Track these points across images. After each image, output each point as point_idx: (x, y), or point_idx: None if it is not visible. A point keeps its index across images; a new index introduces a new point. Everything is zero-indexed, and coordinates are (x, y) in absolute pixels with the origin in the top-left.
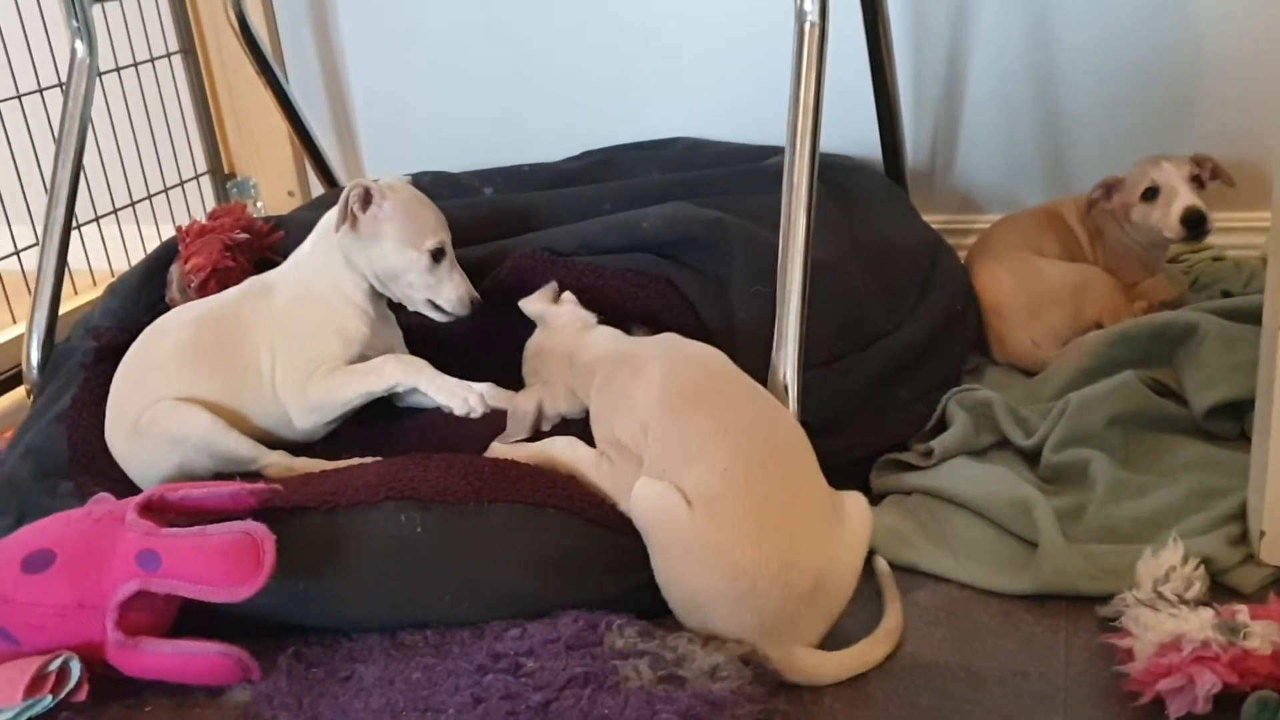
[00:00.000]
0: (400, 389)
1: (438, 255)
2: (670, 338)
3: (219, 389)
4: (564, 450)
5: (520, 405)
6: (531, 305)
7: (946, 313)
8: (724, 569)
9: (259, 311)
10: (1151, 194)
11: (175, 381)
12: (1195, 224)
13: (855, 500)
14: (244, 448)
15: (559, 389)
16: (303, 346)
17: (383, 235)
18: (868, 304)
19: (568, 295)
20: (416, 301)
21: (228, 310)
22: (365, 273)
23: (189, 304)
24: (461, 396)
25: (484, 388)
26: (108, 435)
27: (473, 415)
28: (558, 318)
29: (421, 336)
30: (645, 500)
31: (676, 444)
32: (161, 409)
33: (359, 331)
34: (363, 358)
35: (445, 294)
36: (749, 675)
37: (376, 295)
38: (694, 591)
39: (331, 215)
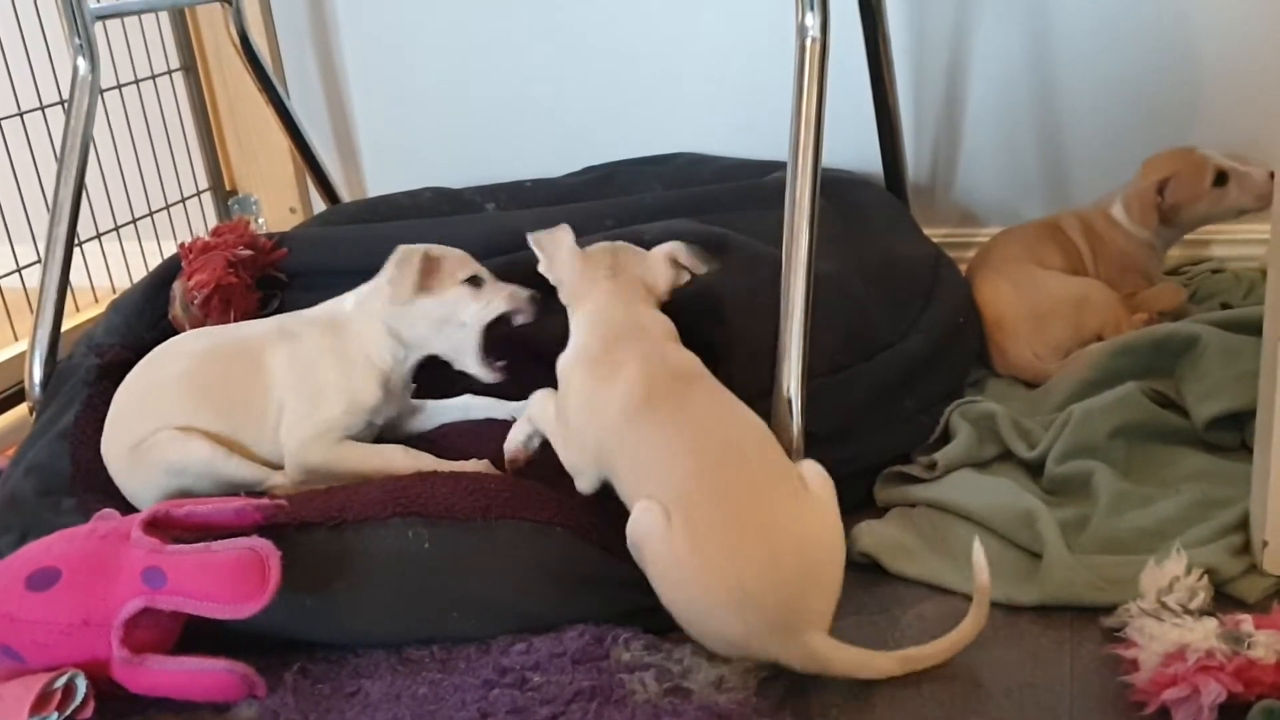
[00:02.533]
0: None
1: (474, 282)
2: (648, 342)
3: (219, 423)
4: (537, 404)
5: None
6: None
7: (949, 325)
8: (712, 579)
9: (278, 357)
10: (1222, 179)
11: (176, 409)
12: None
13: (813, 469)
14: (247, 471)
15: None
16: (314, 406)
17: (418, 293)
18: (871, 316)
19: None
20: (467, 351)
21: (243, 348)
22: (410, 338)
23: (202, 330)
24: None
25: (483, 464)
26: (104, 449)
27: None
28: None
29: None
30: (632, 522)
31: (641, 454)
32: (162, 439)
33: (371, 399)
34: (368, 424)
35: (496, 305)
36: (754, 686)
37: (405, 370)
38: (691, 604)
39: (374, 285)
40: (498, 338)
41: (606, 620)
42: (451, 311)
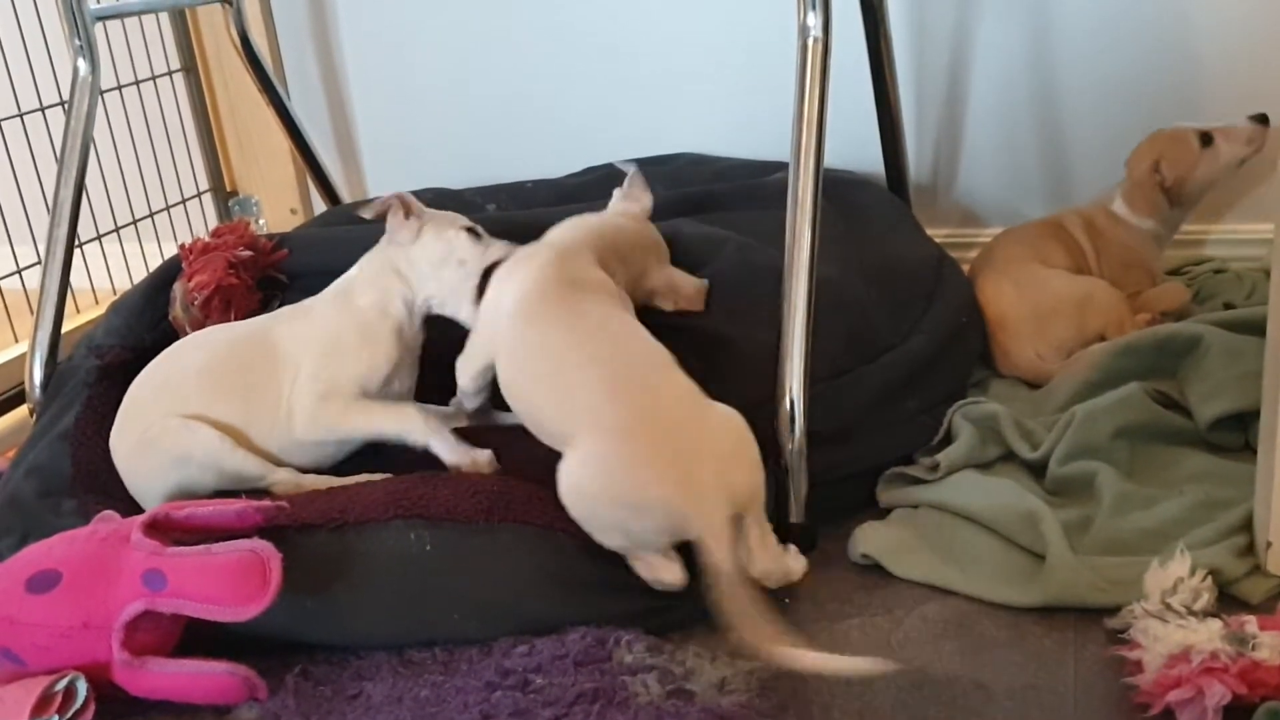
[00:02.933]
0: (410, 441)
1: (475, 233)
2: (561, 237)
3: (234, 413)
4: None
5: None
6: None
7: (951, 325)
8: (644, 465)
9: (294, 332)
10: (1208, 139)
11: (192, 400)
12: (1265, 117)
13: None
14: (251, 465)
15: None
16: (327, 362)
17: (422, 232)
18: (872, 318)
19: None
20: (463, 295)
21: (258, 334)
22: (412, 277)
23: (222, 325)
24: (470, 458)
25: (488, 454)
26: (112, 443)
27: (481, 471)
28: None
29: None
30: (561, 483)
31: (540, 365)
32: (170, 426)
33: (387, 357)
34: (386, 383)
35: (494, 252)
36: (757, 688)
37: (415, 319)
38: (632, 504)
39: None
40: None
41: (608, 623)
42: (450, 250)
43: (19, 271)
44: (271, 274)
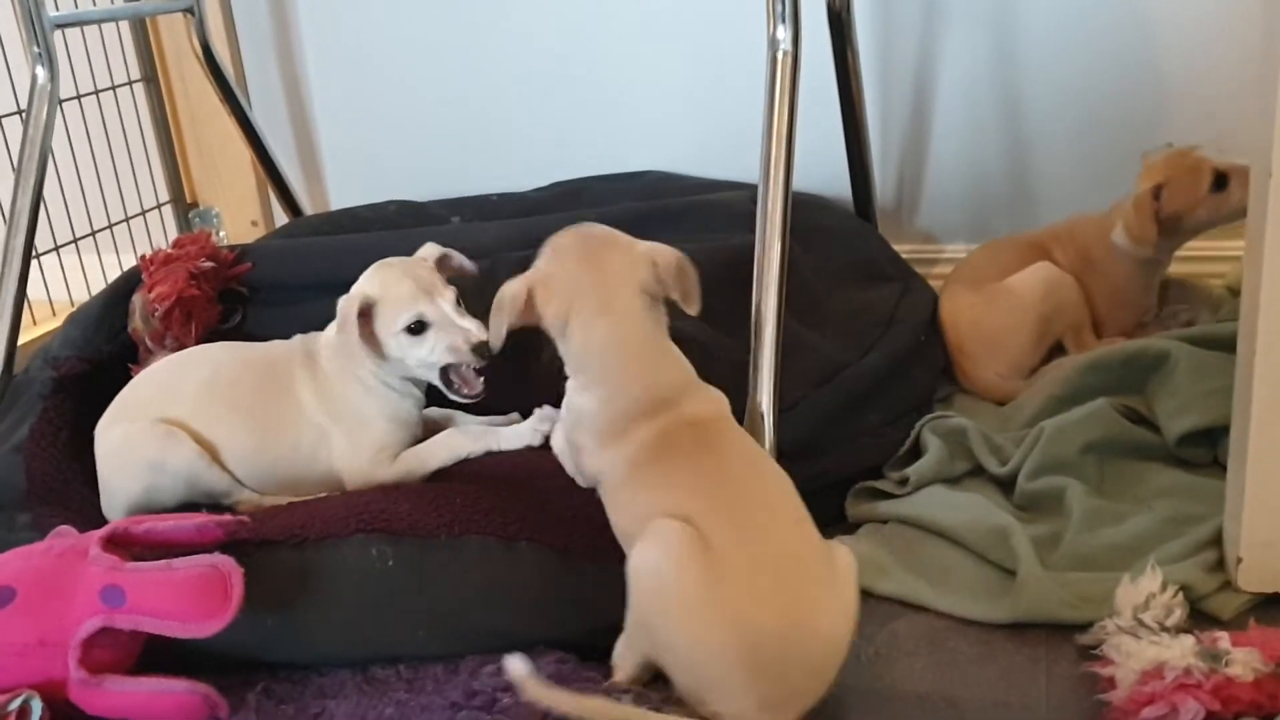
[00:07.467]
0: (472, 457)
1: (416, 328)
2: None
3: (235, 433)
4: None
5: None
6: None
7: (910, 343)
8: (729, 626)
9: (311, 378)
10: (1222, 182)
11: (196, 414)
12: None
13: (844, 552)
14: (222, 482)
15: None
16: (363, 429)
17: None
18: (825, 350)
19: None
20: (434, 380)
21: (269, 365)
22: (385, 372)
23: (230, 345)
24: (533, 430)
25: (537, 413)
26: (98, 431)
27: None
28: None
29: None
30: (643, 548)
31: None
32: (154, 431)
33: (410, 415)
34: (413, 436)
35: (439, 353)
36: None
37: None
38: (693, 651)
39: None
40: None
41: (579, 637)
42: (400, 357)
43: None
44: (233, 286)
